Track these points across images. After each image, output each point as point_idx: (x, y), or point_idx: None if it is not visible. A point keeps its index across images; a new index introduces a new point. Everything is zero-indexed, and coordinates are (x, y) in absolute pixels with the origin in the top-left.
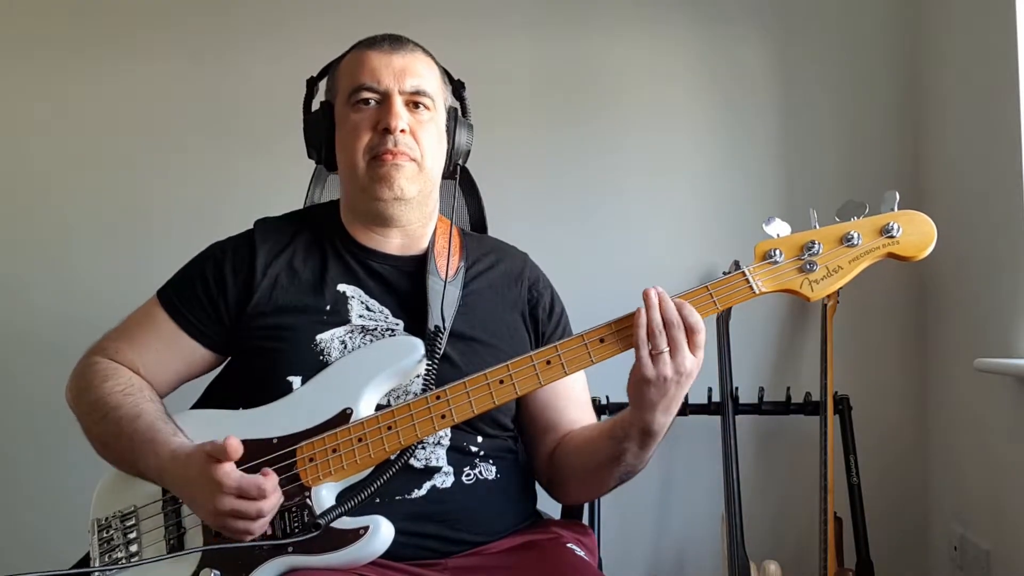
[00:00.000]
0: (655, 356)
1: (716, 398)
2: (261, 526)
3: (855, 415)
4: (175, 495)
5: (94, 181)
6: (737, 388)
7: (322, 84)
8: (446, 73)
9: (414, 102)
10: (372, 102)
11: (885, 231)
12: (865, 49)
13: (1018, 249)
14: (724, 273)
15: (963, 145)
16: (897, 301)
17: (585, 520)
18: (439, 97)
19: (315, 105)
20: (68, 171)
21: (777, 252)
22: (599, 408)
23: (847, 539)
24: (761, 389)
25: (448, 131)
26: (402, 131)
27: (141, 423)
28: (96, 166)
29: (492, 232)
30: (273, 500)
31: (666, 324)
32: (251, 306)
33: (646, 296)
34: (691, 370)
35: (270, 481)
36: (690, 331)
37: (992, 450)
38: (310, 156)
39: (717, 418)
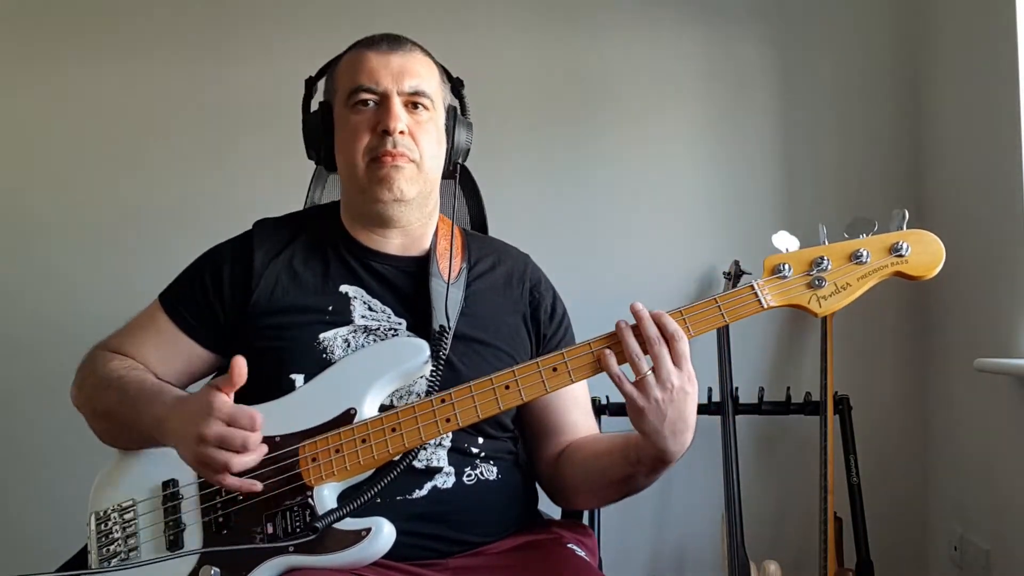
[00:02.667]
0: (639, 383)
1: (716, 398)
2: (240, 463)
3: (855, 415)
4: (169, 441)
5: (93, 182)
6: (737, 388)
7: (321, 83)
8: (445, 71)
9: (413, 102)
10: (370, 103)
11: (894, 250)
12: (865, 50)
13: (1018, 249)
14: (724, 273)
15: (963, 145)
16: (897, 301)
17: (585, 520)
18: (438, 97)
19: (314, 105)
20: (66, 172)
21: (786, 267)
22: (599, 408)
23: (847, 539)
24: (761, 389)
25: (447, 130)
26: (401, 132)
27: (148, 383)
28: (95, 167)
29: (492, 232)
30: (259, 439)
31: (646, 342)
32: (250, 307)
33: (618, 328)
34: (680, 385)
35: (261, 417)
36: (669, 341)
37: (992, 450)
38: (309, 157)
39: (717, 418)
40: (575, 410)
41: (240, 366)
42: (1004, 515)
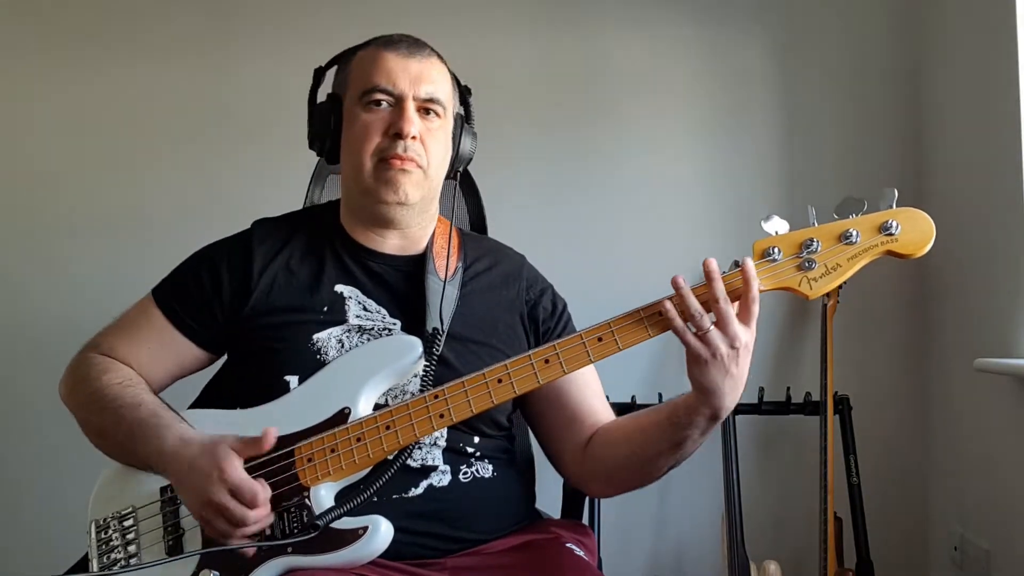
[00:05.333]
0: (702, 336)
1: None
2: (241, 535)
3: (855, 415)
4: (171, 481)
5: (93, 181)
6: None
7: (329, 75)
8: (455, 79)
9: (426, 108)
10: (384, 104)
11: (884, 228)
12: (866, 49)
13: (1018, 249)
14: (723, 273)
15: (963, 145)
16: (897, 301)
17: (585, 520)
18: (450, 104)
19: (321, 96)
20: (67, 171)
21: (775, 250)
22: None
23: (847, 539)
24: (761, 389)
25: (454, 138)
26: (413, 138)
27: (143, 411)
28: (95, 166)
29: (492, 233)
30: (261, 514)
31: (711, 300)
32: (247, 308)
33: (676, 284)
34: (746, 342)
35: (265, 492)
36: (751, 301)
37: (992, 450)
38: (312, 147)
39: None
40: (591, 396)
41: (269, 436)
42: (1004, 515)
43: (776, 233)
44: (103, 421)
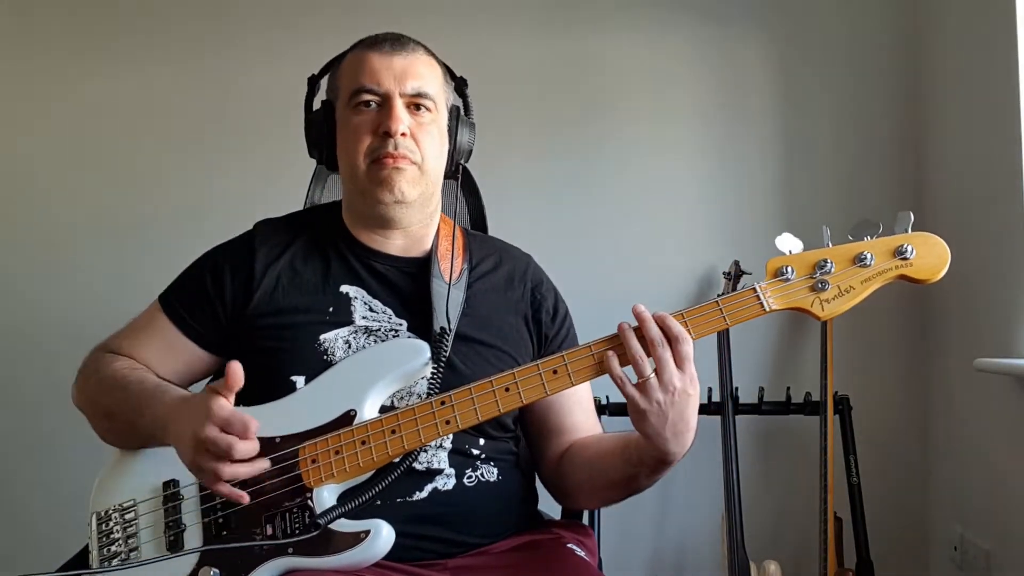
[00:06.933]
0: (641, 385)
1: (716, 398)
2: (230, 472)
3: (855, 415)
4: (170, 439)
5: (94, 183)
6: (737, 388)
7: (324, 82)
8: (448, 71)
9: (415, 104)
10: (372, 104)
11: (899, 253)
12: (866, 52)
13: (1018, 250)
14: (724, 274)
15: (964, 145)
16: (897, 301)
17: (585, 520)
18: (440, 98)
19: (317, 103)
20: (67, 173)
21: (789, 269)
22: (599, 408)
23: (847, 539)
24: (761, 389)
25: (450, 131)
26: (403, 135)
27: (149, 383)
28: (96, 168)
29: (493, 232)
30: (249, 447)
31: (648, 344)
32: (251, 308)
33: (620, 330)
34: (682, 387)
35: (255, 424)
36: (672, 343)
37: (992, 450)
38: (311, 155)
39: (717, 418)
40: (578, 411)
41: (235, 371)
42: (1004, 515)
43: (790, 252)
44: (111, 401)
